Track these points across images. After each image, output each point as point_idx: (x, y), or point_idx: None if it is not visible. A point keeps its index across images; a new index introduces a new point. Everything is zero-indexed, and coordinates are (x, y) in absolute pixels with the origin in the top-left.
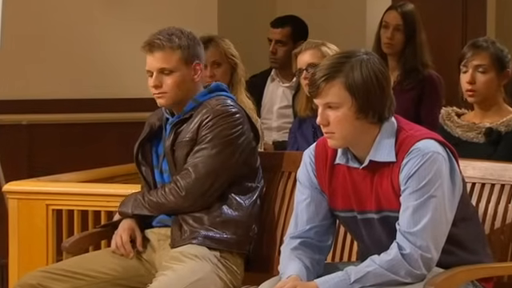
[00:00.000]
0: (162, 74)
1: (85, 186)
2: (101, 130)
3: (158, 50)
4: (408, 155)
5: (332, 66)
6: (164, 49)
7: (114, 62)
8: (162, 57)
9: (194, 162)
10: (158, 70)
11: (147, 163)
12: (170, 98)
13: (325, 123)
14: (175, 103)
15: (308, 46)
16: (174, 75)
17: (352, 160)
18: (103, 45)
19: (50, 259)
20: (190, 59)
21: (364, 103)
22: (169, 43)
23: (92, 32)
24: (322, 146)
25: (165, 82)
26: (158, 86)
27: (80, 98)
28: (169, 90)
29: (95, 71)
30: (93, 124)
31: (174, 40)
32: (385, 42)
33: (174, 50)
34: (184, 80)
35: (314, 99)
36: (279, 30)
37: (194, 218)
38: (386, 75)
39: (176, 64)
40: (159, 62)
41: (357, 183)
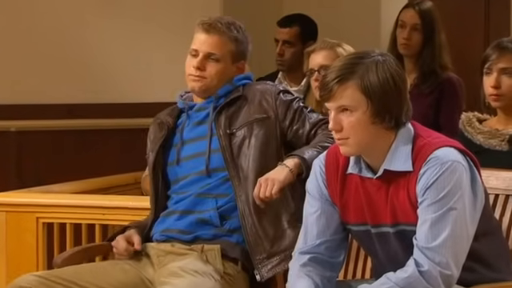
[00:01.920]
0: (207, 58)
1: (78, 198)
2: (95, 137)
3: (215, 33)
4: (426, 164)
5: (345, 67)
6: (222, 35)
7: (109, 64)
8: (217, 42)
9: (314, 116)
10: (206, 53)
11: (160, 167)
12: (206, 84)
13: (338, 128)
14: (207, 91)
15: (323, 46)
16: (219, 64)
17: (365, 169)
18: (96, 46)
19: None
20: (238, 56)
21: (380, 107)
22: (228, 31)
23: (84, 33)
24: (333, 154)
25: (208, 67)
26: (201, 68)
27: (73, 103)
28: (209, 77)
29: (88, 75)
30: (87, 131)
31: (232, 30)
32: (401, 42)
33: (231, 40)
34: (225, 73)
35: (325, 103)
36: (287, 30)
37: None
38: (403, 77)
39: (226, 54)
40: (212, 45)
41: (371, 194)
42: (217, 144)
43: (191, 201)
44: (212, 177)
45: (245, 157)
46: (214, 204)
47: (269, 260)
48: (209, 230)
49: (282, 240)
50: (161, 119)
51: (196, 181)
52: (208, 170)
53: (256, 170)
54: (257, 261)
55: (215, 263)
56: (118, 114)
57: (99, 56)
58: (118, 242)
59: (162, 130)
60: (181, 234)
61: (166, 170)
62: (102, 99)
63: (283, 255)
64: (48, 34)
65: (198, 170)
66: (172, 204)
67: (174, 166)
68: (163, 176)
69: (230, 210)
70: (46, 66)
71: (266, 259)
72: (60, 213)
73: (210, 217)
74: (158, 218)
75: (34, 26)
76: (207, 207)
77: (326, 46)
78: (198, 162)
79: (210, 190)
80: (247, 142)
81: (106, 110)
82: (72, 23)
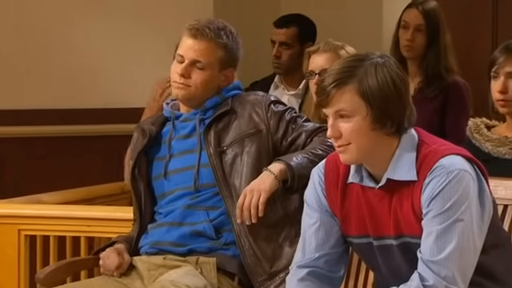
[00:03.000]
0: (193, 65)
1: (62, 209)
2: (81, 143)
3: (202, 39)
4: (431, 173)
5: (343, 70)
6: (210, 41)
7: (96, 67)
8: (204, 49)
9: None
10: (192, 59)
11: (141, 177)
12: (190, 93)
13: (336, 135)
14: (191, 99)
15: (326, 48)
16: (204, 72)
17: (367, 178)
18: (83, 48)
19: None
20: (227, 64)
21: (381, 112)
22: (216, 38)
23: (70, 33)
24: (333, 162)
25: (193, 75)
26: (186, 76)
27: (57, 108)
28: (194, 85)
29: (74, 78)
30: (71, 137)
31: (222, 36)
32: (404, 44)
33: (219, 47)
34: (211, 81)
35: (323, 109)
36: (283, 31)
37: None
38: (404, 80)
39: (213, 62)
40: (198, 52)
41: (373, 205)
42: (206, 159)
43: (180, 213)
44: (201, 191)
45: (237, 175)
46: (206, 216)
47: (271, 281)
48: (204, 243)
49: (281, 258)
50: (143, 127)
51: (184, 195)
52: (196, 186)
53: None
54: (258, 283)
55: (210, 277)
56: (103, 120)
57: (84, 58)
58: (109, 257)
59: (143, 138)
60: (173, 247)
61: (150, 180)
62: (90, 104)
63: (284, 274)
64: (32, 35)
65: (186, 184)
66: (160, 218)
67: (161, 180)
68: (148, 187)
69: (223, 223)
70: (27, 69)
71: (267, 280)
72: (43, 225)
73: (205, 229)
74: (145, 230)
75: (18, 26)
76: (199, 219)
77: (330, 48)
78: (187, 177)
79: (199, 202)
80: (239, 160)
81: (90, 115)
82: (57, 23)
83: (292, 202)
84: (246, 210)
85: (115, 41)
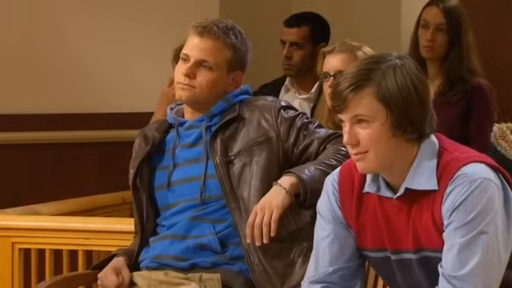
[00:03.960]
0: (199, 65)
1: (58, 220)
2: (77, 151)
3: (209, 38)
4: (452, 182)
5: (360, 73)
6: (217, 40)
7: (93, 68)
8: (211, 48)
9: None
10: (198, 59)
11: (143, 187)
12: (195, 95)
13: (353, 142)
14: (195, 102)
15: (342, 48)
16: (211, 73)
17: (384, 188)
18: (77, 46)
19: None
20: (235, 65)
21: (401, 116)
22: (224, 37)
23: (64, 32)
24: (348, 171)
25: (199, 75)
26: (191, 76)
27: (51, 113)
28: (199, 86)
29: (69, 80)
30: (67, 144)
31: (230, 36)
32: (424, 44)
33: (227, 47)
34: (218, 84)
35: (338, 114)
36: (295, 30)
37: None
38: (424, 83)
39: (220, 63)
40: (205, 51)
41: (390, 216)
42: (212, 169)
43: (185, 225)
44: (207, 203)
45: (246, 186)
46: (212, 229)
47: None
48: (208, 257)
49: (293, 275)
50: (146, 133)
51: (189, 207)
52: (203, 198)
53: (258, 200)
54: None
55: None
56: (102, 125)
57: (79, 57)
58: (107, 276)
59: (146, 145)
60: (176, 261)
61: (152, 191)
62: (87, 108)
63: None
64: (20, 33)
65: (191, 196)
66: (163, 231)
67: (165, 191)
68: (150, 198)
69: (230, 235)
70: (19, 71)
71: None
72: (38, 237)
73: (209, 242)
74: (147, 243)
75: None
76: (204, 232)
77: (346, 49)
78: (192, 188)
79: (205, 214)
80: (247, 170)
81: (90, 120)
82: (51, 21)
83: (305, 215)
84: (258, 229)
85: (114, 40)
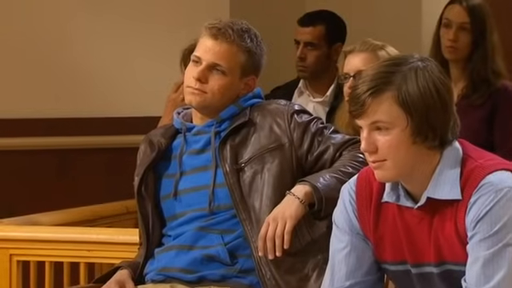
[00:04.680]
0: (211, 69)
1: (59, 231)
2: (78, 157)
3: (224, 41)
4: (477, 192)
5: (379, 76)
6: (232, 44)
7: (96, 70)
8: (225, 51)
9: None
10: (211, 62)
11: (148, 196)
12: (205, 100)
13: (372, 149)
14: (206, 108)
15: (363, 48)
16: (224, 78)
17: (404, 197)
18: (79, 47)
19: None
20: (248, 70)
21: (422, 122)
22: (239, 40)
23: (65, 33)
24: (366, 179)
25: (210, 80)
26: (202, 80)
27: (51, 117)
28: (211, 92)
29: (70, 83)
30: (68, 150)
31: (245, 39)
32: (446, 45)
33: (242, 51)
34: (230, 89)
35: (356, 119)
36: (309, 30)
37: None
38: (448, 86)
39: (234, 67)
40: (218, 54)
41: (411, 227)
42: (222, 178)
43: (192, 235)
44: (216, 213)
45: (257, 196)
46: (221, 239)
47: None
48: (217, 269)
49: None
50: (151, 139)
51: (197, 217)
52: (211, 208)
53: (270, 210)
54: None
55: None
56: (105, 130)
57: (82, 60)
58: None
59: (151, 152)
60: (183, 274)
61: (158, 200)
62: (89, 112)
63: None
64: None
65: (199, 206)
66: (169, 242)
67: (171, 200)
68: (156, 207)
69: (240, 247)
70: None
71: None
72: (37, 249)
73: (218, 253)
74: (152, 255)
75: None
76: (212, 242)
77: (367, 48)
78: (200, 197)
79: (213, 224)
80: (259, 178)
81: (93, 125)
82: (51, 21)
83: (320, 226)
84: (270, 241)
85: (118, 40)
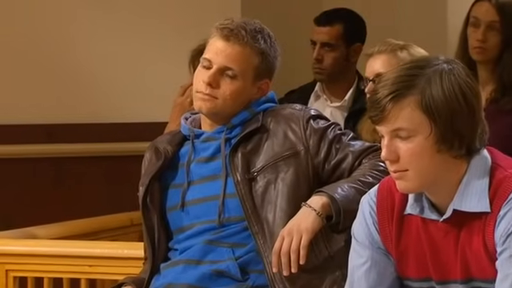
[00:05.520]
0: (223, 73)
1: (58, 245)
2: (79, 166)
3: (236, 43)
4: (507, 203)
5: (401, 79)
6: (245, 46)
7: (98, 72)
8: (238, 53)
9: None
10: (222, 66)
11: (154, 207)
12: (216, 106)
13: (393, 158)
14: (216, 114)
15: (381, 49)
16: (235, 83)
17: (429, 209)
18: (81, 48)
19: None
20: (262, 74)
21: (448, 129)
22: (253, 42)
23: (68, 32)
24: (387, 189)
25: (222, 85)
26: (213, 85)
27: (50, 123)
28: (222, 97)
29: (70, 86)
30: (68, 158)
31: (259, 40)
32: (474, 45)
33: (256, 53)
34: (243, 94)
35: (376, 126)
36: (326, 29)
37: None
38: (476, 91)
39: (247, 71)
40: (230, 57)
41: (436, 242)
42: (232, 187)
43: (200, 248)
44: (226, 225)
45: (270, 207)
46: (231, 254)
47: None
48: (226, 286)
49: None
50: (157, 146)
51: (205, 230)
52: (221, 220)
53: (285, 222)
54: None
55: None
56: (107, 137)
57: (84, 61)
58: None
59: (157, 160)
60: None
61: (164, 211)
62: (87, 118)
63: None
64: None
65: (208, 218)
66: (175, 256)
67: (178, 211)
68: (162, 219)
69: (252, 261)
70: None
71: None
72: (36, 264)
73: (228, 268)
74: (158, 270)
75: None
76: (222, 257)
77: (386, 49)
78: (209, 209)
79: (223, 237)
80: (272, 188)
81: (92, 131)
82: (52, 20)
83: (338, 240)
84: (285, 256)
85: (123, 41)
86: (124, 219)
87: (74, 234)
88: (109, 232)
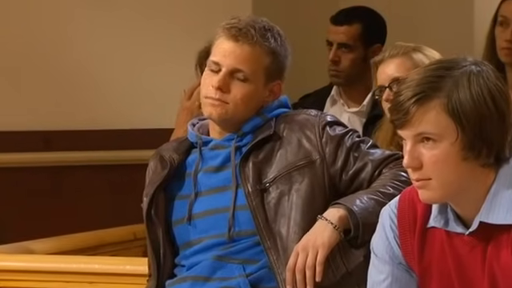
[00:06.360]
0: (233, 76)
1: (56, 260)
2: (79, 175)
3: (245, 43)
4: None
5: (426, 81)
6: (254, 45)
7: (99, 75)
8: (248, 54)
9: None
10: (232, 68)
11: (159, 220)
12: (227, 112)
13: (416, 165)
14: (227, 120)
15: (393, 53)
16: (246, 86)
17: (454, 222)
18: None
19: None
20: (273, 75)
21: (475, 136)
22: (262, 41)
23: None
24: (409, 200)
25: (232, 89)
26: (223, 90)
27: (47, 130)
28: (233, 102)
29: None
30: (66, 167)
31: (269, 39)
32: (502, 46)
33: (267, 53)
34: (254, 97)
35: (398, 130)
36: (344, 29)
37: None
38: (505, 95)
39: (258, 72)
40: (240, 59)
41: (461, 256)
42: (244, 199)
43: (209, 265)
44: (236, 240)
45: (284, 220)
46: (242, 270)
47: None
48: None
49: None
50: (162, 154)
51: (214, 245)
52: (231, 235)
53: (299, 237)
54: None
55: None
56: (109, 144)
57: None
58: None
59: (163, 169)
60: None
61: (169, 224)
62: (87, 124)
63: None
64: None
65: (217, 232)
66: (182, 272)
67: (184, 225)
68: (167, 233)
69: (264, 278)
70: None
71: None
72: (32, 281)
73: (239, 285)
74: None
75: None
76: (232, 274)
77: (398, 52)
78: (218, 222)
79: (233, 253)
80: (286, 200)
81: (92, 138)
82: (49, 20)
83: (356, 255)
84: (299, 273)
85: (125, 41)
86: (126, 233)
87: (72, 249)
88: (110, 246)
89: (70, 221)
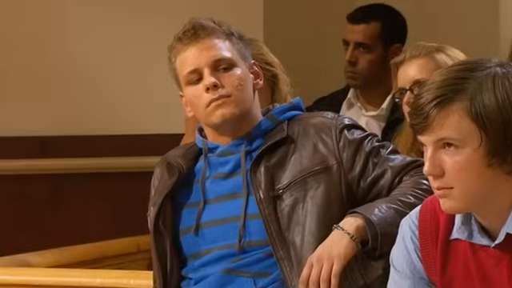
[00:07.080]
0: (217, 69)
1: (56, 274)
2: (79, 183)
3: (205, 37)
4: None
5: (448, 83)
6: (213, 33)
7: (99, 76)
8: (214, 43)
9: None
10: (211, 63)
11: (166, 231)
12: (237, 103)
13: (437, 173)
14: (241, 114)
15: (415, 53)
16: (234, 71)
17: (479, 233)
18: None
19: None
20: (244, 55)
21: (500, 141)
22: (218, 27)
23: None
24: (431, 211)
25: (224, 80)
26: (218, 85)
27: (45, 135)
28: (233, 93)
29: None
30: (66, 175)
31: (219, 25)
32: None
33: (226, 35)
34: (246, 79)
35: (418, 136)
36: (361, 28)
37: None
38: None
39: (233, 54)
40: (212, 51)
41: (487, 270)
42: (255, 207)
43: (218, 279)
44: (247, 251)
45: (298, 229)
46: (253, 284)
47: None
48: None
49: None
50: (169, 161)
51: (224, 256)
52: (242, 245)
53: (314, 247)
54: None
55: None
56: (111, 151)
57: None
58: None
59: (170, 177)
60: None
61: (176, 235)
62: (88, 130)
63: None
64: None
65: (226, 242)
66: (189, 286)
67: (192, 235)
68: (174, 244)
69: None
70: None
71: None
72: None
73: None
74: None
75: None
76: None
77: (420, 53)
78: (227, 232)
79: (244, 266)
80: (300, 208)
81: (93, 144)
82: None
83: (374, 268)
84: (314, 286)
85: (127, 41)
86: (130, 244)
87: (73, 262)
88: (113, 259)
89: (70, 232)
